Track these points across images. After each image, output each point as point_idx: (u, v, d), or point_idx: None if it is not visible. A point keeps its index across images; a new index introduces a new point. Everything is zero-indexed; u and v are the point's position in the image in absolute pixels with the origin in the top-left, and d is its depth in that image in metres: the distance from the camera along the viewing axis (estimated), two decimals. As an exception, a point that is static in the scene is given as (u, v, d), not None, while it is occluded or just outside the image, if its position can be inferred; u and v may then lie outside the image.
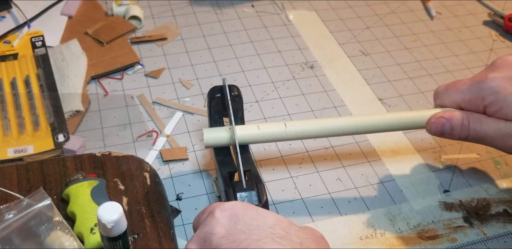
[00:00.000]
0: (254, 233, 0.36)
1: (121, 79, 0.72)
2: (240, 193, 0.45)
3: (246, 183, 0.46)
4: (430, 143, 0.66)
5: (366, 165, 0.63)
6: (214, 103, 0.52)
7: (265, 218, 0.38)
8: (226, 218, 0.38)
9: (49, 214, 0.46)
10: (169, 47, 0.78)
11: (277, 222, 0.38)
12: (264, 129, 0.51)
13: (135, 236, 0.48)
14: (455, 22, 0.88)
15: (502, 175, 0.62)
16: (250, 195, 0.45)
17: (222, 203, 0.40)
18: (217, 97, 0.52)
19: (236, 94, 0.52)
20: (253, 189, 0.45)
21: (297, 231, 0.38)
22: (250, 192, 0.45)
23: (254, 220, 0.37)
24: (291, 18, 0.86)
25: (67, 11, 0.81)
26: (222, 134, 0.50)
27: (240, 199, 0.45)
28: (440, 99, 0.54)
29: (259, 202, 0.45)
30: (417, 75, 0.77)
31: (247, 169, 0.48)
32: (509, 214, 0.58)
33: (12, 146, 0.59)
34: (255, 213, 0.38)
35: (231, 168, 0.49)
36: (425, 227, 0.56)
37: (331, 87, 0.73)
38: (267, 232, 0.36)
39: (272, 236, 0.36)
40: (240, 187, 0.45)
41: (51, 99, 0.64)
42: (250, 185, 0.46)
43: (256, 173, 0.48)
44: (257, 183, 0.46)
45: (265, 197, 0.45)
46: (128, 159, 0.55)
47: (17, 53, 0.72)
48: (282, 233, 0.36)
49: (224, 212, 0.38)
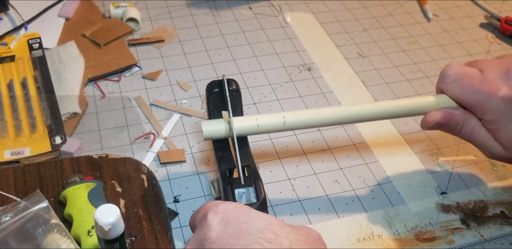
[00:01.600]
0: (243, 238, 0.37)
1: (118, 81, 0.72)
2: (238, 189, 0.45)
3: (244, 179, 0.46)
4: (428, 145, 0.66)
5: (363, 167, 0.63)
6: (212, 98, 0.52)
7: (255, 222, 0.38)
8: (217, 222, 0.38)
9: (46, 217, 0.46)
10: (166, 49, 0.78)
11: (267, 225, 0.38)
12: (262, 120, 0.51)
13: (132, 238, 0.48)
14: (452, 24, 0.89)
15: (499, 177, 0.63)
16: (248, 192, 0.45)
17: (215, 205, 0.40)
18: (215, 91, 0.52)
19: (234, 88, 0.52)
20: (251, 186, 0.45)
21: (288, 233, 0.38)
22: (248, 189, 0.45)
23: (244, 224, 0.38)
24: (288, 20, 0.86)
25: (64, 13, 0.80)
26: (221, 126, 0.50)
27: (237, 195, 0.44)
28: (444, 85, 0.52)
29: (256, 199, 0.45)
30: (414, 77, 0.77)
31: (246, 164, 0.48)
32: (506, 216, 0.58)
33: (9, 148, 0.59)
34: (245, 216, 0.39)
35: (230, 164, 0.49)
36: (422, 229, 0.56)
37: (328, 89, 0.73)
38: (255, 236, 0.37)
39: (260, 241, 0.36)
40: (238, 184, 0.45)
41: (48, 101, 0.64)
42: (248, 181, 0.45)
43: (254, 169, 0.48)
44: (255, 179, 0.46)
45: (263, 194, 0.45)
46: (125, 161, 0.55)
47: (14, 55, 0.71)
48: (271, 236, 0.37)
49: (216, 215, 0.39)
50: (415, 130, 0.68)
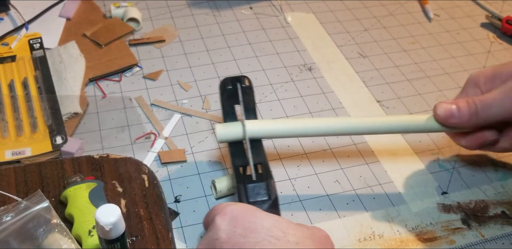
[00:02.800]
0: (252, 236, 0.38)
1: (119, 81, 0.72)
2: (249, 185, 0.45)
3: (256, 176, 0.46)
4: (428, 145, 0.66)
5: (364, 167, 0.63)
6: (226, 95, 0.52)
7: (262, 221, 0.40)
8: (226, 223, 0.40)
9: (47, 217, 0.46)
10: (167, 49, 0.78)
11: (275, 224, 0.39)
12: (275, 125, 0.51)
13: (133, 238, 0.48)
14: (453, 24, 0.88)
15: (500, 177, 0.62)
16: (260, 189, 0.45)
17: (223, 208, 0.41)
18: (228, 89, 0.52)
19: (247, 85, 0.51)
20: (262, 183, 0.45)
21: (295, 230, 0.39)
22: (260, 186, 0.45)
23: (252, 223, 0.39)
24: (289, 20, 0.86)
25: (65, 13, 0.80)
26: (235, 129, 0.51)
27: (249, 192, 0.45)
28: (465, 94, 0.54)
29: (268, 197, 0.45)
30: (415, 77, 0.77)
31: (259, 162, 0.48)
32: (507, 216, 0.58)
33: (10, 148, 0.59)
34: (252, 216, 0.40)
35: (243, 161, 0.49)
36: (423, 229, 0.56)
37: (329, 89, 0.73)
38: (264, 234, 0.38)
39: (269, 238, 0.38)
40: (249, 180, 0.45)
41: (49, 101, 0.64)
42: (260, 178, 0.46)
43: (267, 167, 0.48)
44: (267, 177, 0.46)
45: (275, 193, 0.45)
46: (126, 161, 0.55)
47: (15, 55, 0.71)
48: (279, 234, 0.38)
49: (224, 217, 0.40)
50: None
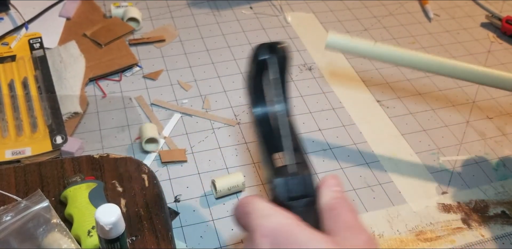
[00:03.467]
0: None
1: (119, 81, 0.72)
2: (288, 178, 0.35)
3: (291, 167, 0.36)
4: (429, 145, 0.66)
5: (364, 166, 0.63)
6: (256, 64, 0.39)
7: (307, 244, 0.33)
8: (267, 246, 0.35)
9: (47, 216, 0.46)
10: (167, 49, 0.78)
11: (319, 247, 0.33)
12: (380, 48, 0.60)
13: (133, 238, 0.48)
14: (453, 24, 0.88)
15: (500, 176, 0.62)
16: (299, 183, 0.35)
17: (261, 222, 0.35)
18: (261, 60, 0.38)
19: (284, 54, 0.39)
20: (302, 174, 0.35)
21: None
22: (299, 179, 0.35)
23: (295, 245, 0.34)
24: (289, 20, 0.86)
25: (65, 13, 0.80)
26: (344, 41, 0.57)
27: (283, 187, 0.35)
28: None
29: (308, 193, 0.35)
30: (415, 77, 0.77)
31: (296, 149, 0.37)
32: (507, 215, 0.58)
33: (10, 148, 0.59)
34: (295, 240, 0.34)
35: (276, 148, 0.38)
36: (423, 228, 0.56)
37: (329, 88, 0.73)
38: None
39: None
40: (286, 173, 0.35)
41: (49, 101, 0.64)
42: (300, 169, 0.35)
43: (302, 156, 0.37)
44: (305, 168, 0.36)
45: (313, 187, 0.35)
46: (126, 161, 0.55)
47: (15, 55, 0.71)
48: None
49: (265, 238, 0.34)
50: (416, 130, 0.68)
